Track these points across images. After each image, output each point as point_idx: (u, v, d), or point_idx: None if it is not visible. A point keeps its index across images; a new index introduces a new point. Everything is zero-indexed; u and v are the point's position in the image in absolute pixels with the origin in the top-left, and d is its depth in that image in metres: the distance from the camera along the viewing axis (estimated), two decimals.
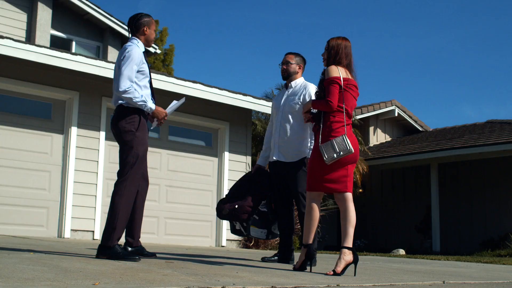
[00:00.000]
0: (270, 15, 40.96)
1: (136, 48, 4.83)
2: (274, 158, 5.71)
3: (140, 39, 4.96)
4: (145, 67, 4.86)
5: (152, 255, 5.10)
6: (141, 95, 4.75)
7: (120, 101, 4.79)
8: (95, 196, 9.21)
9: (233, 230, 5.85)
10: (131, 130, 4.72)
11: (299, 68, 5.87)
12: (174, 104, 5.22)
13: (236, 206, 5.41)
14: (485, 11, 37.99)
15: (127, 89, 4.67)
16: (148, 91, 4.92)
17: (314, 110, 4.81)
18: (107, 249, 4.56)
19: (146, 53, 5.14)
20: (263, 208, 5.76)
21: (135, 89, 4.72)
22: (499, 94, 41.34)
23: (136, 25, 4.96)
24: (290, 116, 5.67)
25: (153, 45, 14.50)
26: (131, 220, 4.91)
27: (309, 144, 5.57)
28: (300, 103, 5.60)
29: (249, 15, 41.77)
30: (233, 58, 43.56)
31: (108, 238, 4.58)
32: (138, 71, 4.79)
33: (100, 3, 25.38)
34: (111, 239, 4.57)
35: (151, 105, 4.81)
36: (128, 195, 4.68)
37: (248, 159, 11.20)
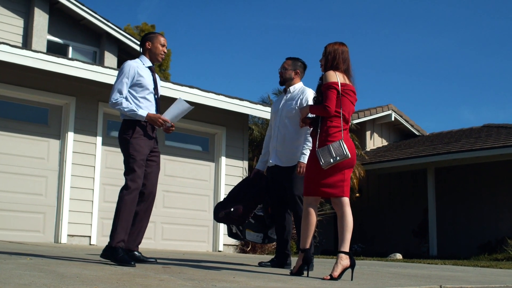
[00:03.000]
0: (267, 19, 41.03)
1: (131, 63, 5.12)
2: (271, 162, 5.73)
3: (145, 55, 5.24)
4: (143, 80, 5.07)
5: (153, 260, 5.10)
6: (132, 105, 4.97)
7: (121, 116, 5.10)
8: (92, 201, 9.19)
9: (230, 234, 5.88)
10: (126, 138, 4.98)
11: (296, 74, 5.85)
12: (173, 108, 5.18)
13: (232, 209, 5.45)
14: (483, 14, 38.12)
15: (114, 101, 4.98)
16: (149, 103, 5.10)
17: (312, 115, 4.81)
18: (109, 249, 4.78)
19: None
20: (260, 212, 5.76)
21: (125, 100, 4.98)
22: (497, 97, 41.47)
23: (140, 44, 5.32)
24: (287, 121, 5.68)
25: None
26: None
27: (302, 149, 5.56)
28: (297, 108, 5.60)
29: (246, 20, 41.84)
30: (230, 63, 43.62)
31: (111, 238, 4.80)
32: (135, 84, 5.05)
33: (99, 8, 25.40)
34: (113, 239, 4.78)
35: (141, 113, 4.97)
36: (127, 200, 4.85)
37: (245, 163, 11.19)
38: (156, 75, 5.31)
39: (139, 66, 5.10)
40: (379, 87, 41.46)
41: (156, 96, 5.19)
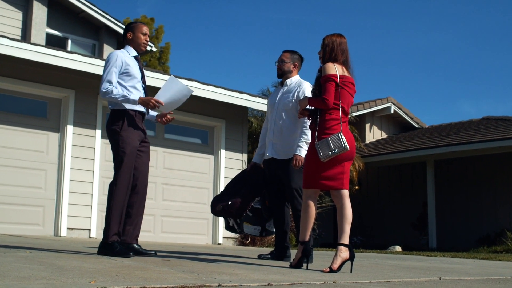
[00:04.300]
0: (266, 13, 40.95)
1: (117, 52, 5.08)
2: (268, 155, 5.72)
3: (129, 45, 5.19)
4: (130, 69, 5.03)
5: (152, 253, 5.08)
6: (123, 91, 4.91)
7: (109, 106, 5.05)
8: (91, 194, 9.20)
9: (227, 227, 5.88)
10: (116, 130, 4.94)
11: (294, 67, 5.84)
12: (166, 88, 5.06)
13: (229, 202, 5.46)
14: (483, 7, 38.04)
15: (104, 90, 4.92)
16: (138, 92, 5.05)
17: (311, 107, 4.79)
18: (105, 245, 4.76)
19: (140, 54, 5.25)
20: (257, 205, 5.76)
21: (115, 88, 4.91)
22: (497, 90, 41.45)
23: (123, 35, 5.25)
24: (283, 114, 5.66)
25: (149, 43, 14.46)
26: (125, 216, 4.95)
27: (298, 142, 5.53)
28: (294, 101, 5.60)
29: (245, 13, 41.76)
30: (229, 56, 43.55)
31: (105, 235, 4.80)
32: (123, 73, 5.00)
33: (98, 1, 25.34)
34: (107, 236, 4.78)
35: (134, 97, 4.91)
36: (118, 193, 4.85)
37: (244, 156, 11.19)
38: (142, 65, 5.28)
39: (125, 55, 5.07)
40: (379, 80, 41.44)
41: (143, 85, 5.16)
